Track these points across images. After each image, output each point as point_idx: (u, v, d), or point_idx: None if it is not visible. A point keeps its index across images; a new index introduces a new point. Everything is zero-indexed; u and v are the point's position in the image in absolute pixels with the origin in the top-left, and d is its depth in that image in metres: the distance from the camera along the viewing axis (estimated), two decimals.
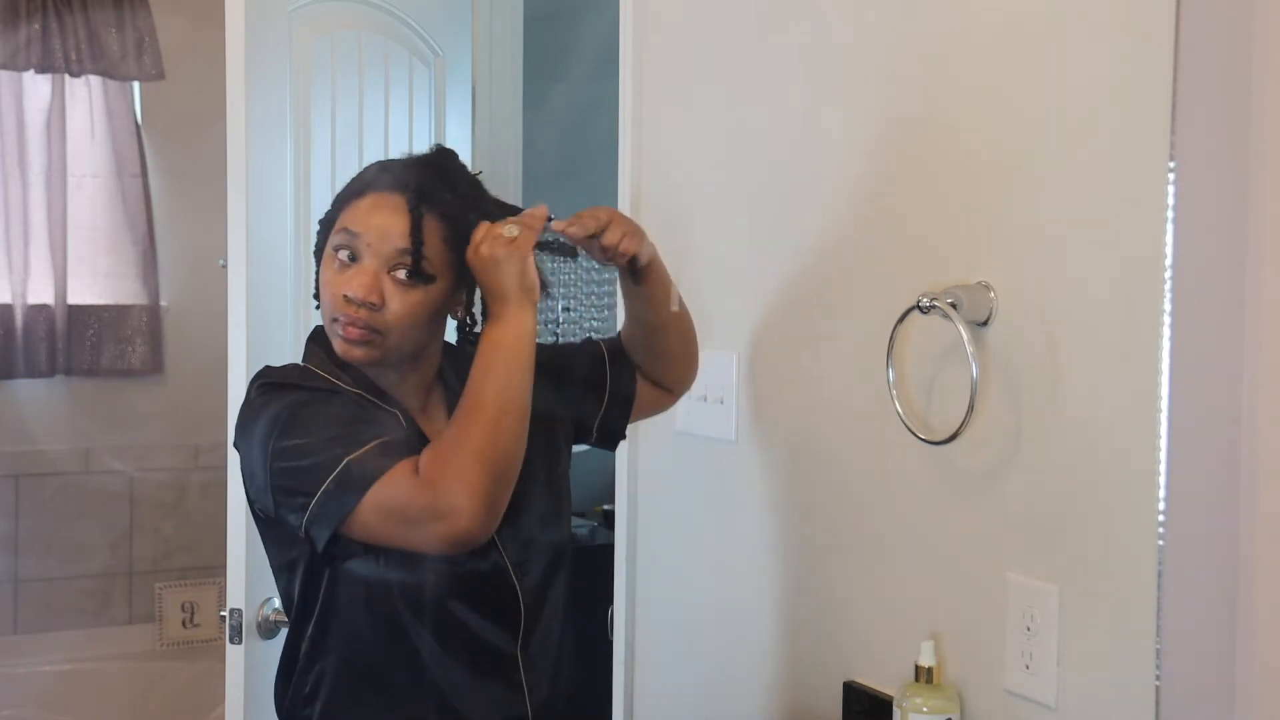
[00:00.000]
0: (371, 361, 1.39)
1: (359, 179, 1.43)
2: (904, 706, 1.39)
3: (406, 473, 1.27)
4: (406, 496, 1.26)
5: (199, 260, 3.66)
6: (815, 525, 1.64)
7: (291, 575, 1.42)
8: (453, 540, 1.28)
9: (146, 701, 3.67)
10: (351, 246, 1.36)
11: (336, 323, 1.37)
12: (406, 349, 1.40)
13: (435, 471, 1.26)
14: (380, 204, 1.37)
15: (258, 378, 1.42)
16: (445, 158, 1.45)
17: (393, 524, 1.29)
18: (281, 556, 1.43)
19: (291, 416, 1.33)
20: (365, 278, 1.35)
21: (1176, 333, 1.09)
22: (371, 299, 1.34)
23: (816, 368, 1.64)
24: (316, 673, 1.42)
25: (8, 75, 3.62)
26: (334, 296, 1.36)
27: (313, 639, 1.41)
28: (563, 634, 1.52)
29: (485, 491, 1.26)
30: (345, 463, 1.27)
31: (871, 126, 1.55)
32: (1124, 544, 1.23)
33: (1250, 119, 1.03)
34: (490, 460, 1.27)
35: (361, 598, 1.38)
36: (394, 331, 1.36)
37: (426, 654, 1.39)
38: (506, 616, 1.43)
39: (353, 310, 1.35)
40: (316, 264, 1.43)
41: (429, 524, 1.26)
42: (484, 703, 1.43)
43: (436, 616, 1.40)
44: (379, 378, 1.42)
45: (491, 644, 1.43)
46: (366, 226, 1.36)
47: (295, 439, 1.31)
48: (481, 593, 1.42)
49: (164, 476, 3.84)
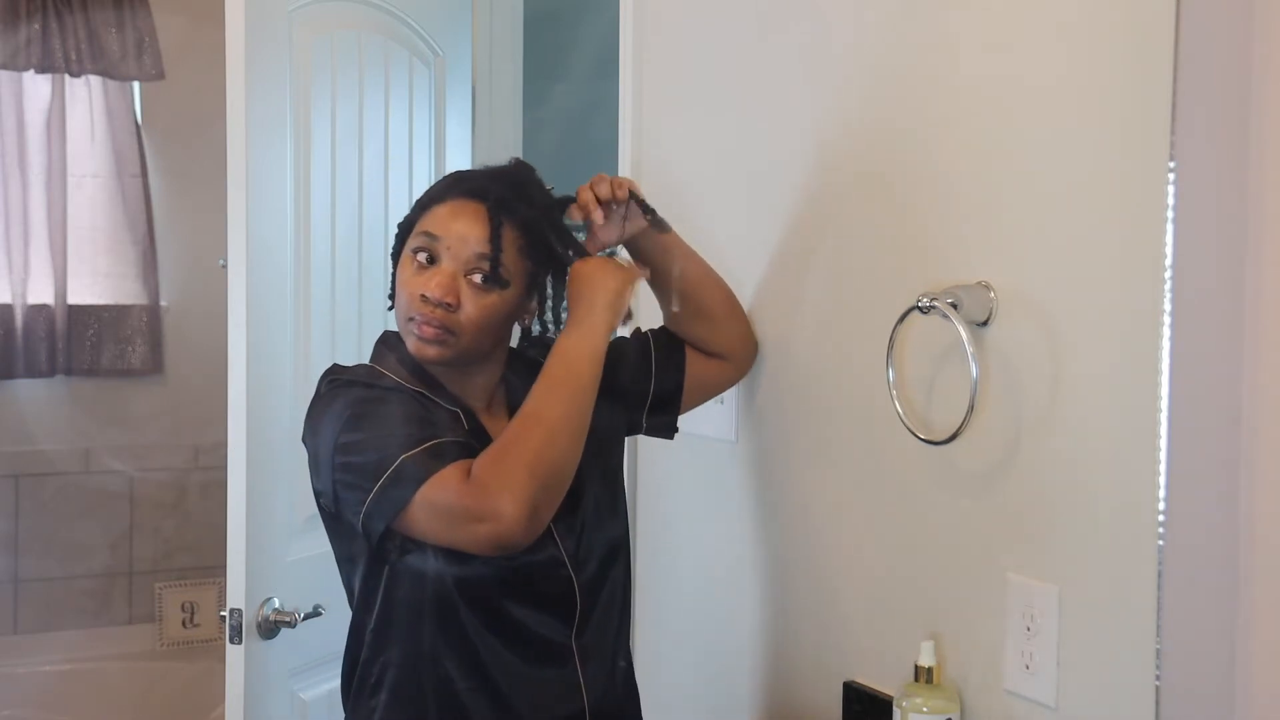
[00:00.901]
0: (443, 361, 1.43)
1: (439, 185, 1.49)
2: (904, 706, 1.39)
3: (458, 474, 1.32)
4: (455, 497, 1.31)
5: (199, 260, 3.67)
6: (815, 525, 1.64)
7: (353, 567, 1.47)
8: (494, 543, 1.32)
9: (146, 701, 3.67)
10: (430, 249, 1.42)
11: (413, 322, 1.42)
12: (477, 350, 1.45)
13: (486, 475, 1.31)
14: (460, 210, 1.43)
15: (327, 374, 1.48)
16: (524, 171, 1.52)
17: (440, 522, 1.33)
18: (344, 549, 1.48)
19: (356, 414, 1.38)
20: (443, 279, 1.41)
21: (1176, 333, 1.09)
22: (448, 299, 1.40)
23: (816, 367, 1.64)
24: (380, 664, 1.45)
25: (8, 75, 3.62)
26: (411, 296, 1.42)
27: (376, 631, 1.45)
28: (620, 627, 1.56)
29: (531, 500, 1.30)
30: (400, 460, 1.32)
31: (871, 126, 1.55)
32: (1124, 544, 1.23)
33: (1250, 119, 1.02)
34: (541, 471, 1.32)
35: (419, 591, 1.42)
36: (467, 332, 1.42)
37: (483, 648, 1.42)
38: (563, 608, 1.47)
39: (429, 310, 1.40)
40: (393, 266, 1.49)
41: (473, 525, 1.31)
42: (541, 696, 1.46)
43: (493, 610, 1.43)
44: (446, 378, 1.47)
45: (547, 636, 1.46)
46: (446, 231, 1.42)
47: (358, 435, 1.37)
48: (538, 585, 1.45)
49: (164, 476, 3.85)
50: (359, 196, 2.36)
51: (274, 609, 2.05)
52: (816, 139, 1.63)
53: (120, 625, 3.82)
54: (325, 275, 2.26)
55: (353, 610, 1.50)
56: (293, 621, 2.05)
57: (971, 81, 1.40)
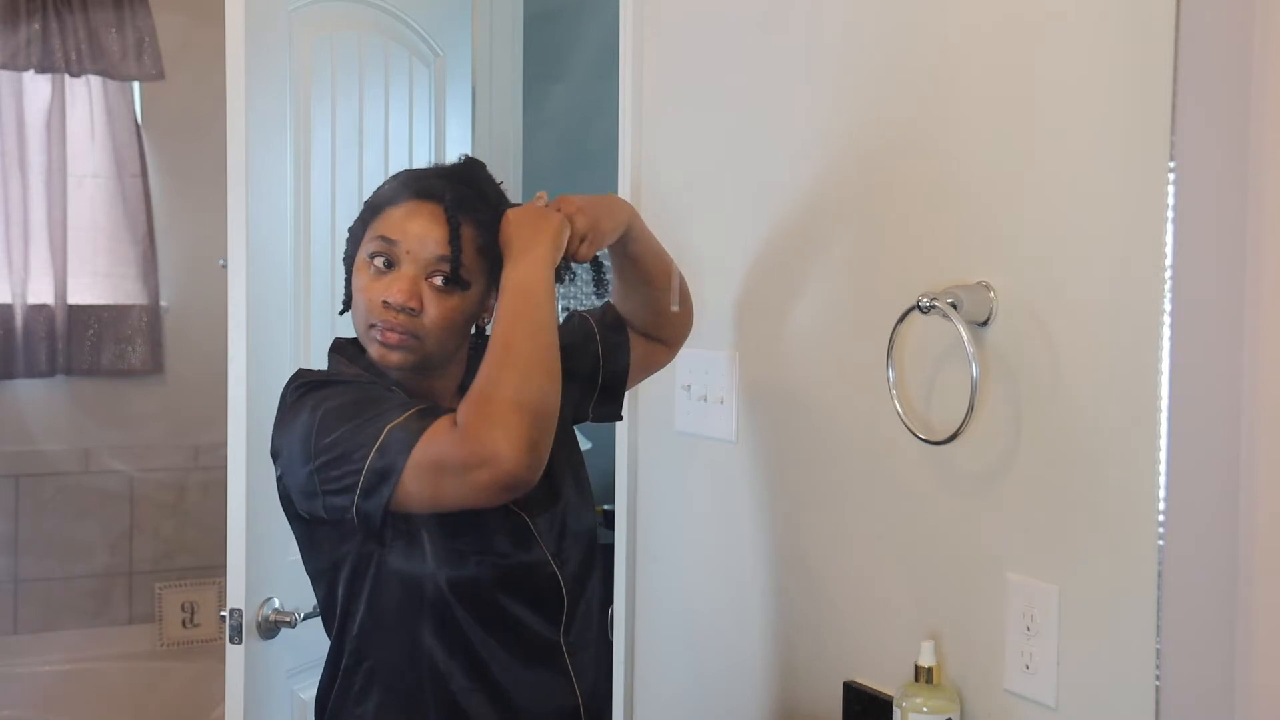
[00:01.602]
0: (407, 366, 1.41)
1: (389, 187, 1.45)
2: (904, 706, 1.39)
3: (445, 426, 1.27)
4: (448, 448, 1.26)
5: (199, 260, 3.67)
6: (815, 525, 1.64)
7: (335, 575, 1.43)
8: (498, 485, 1.26)
9: (146, 701, 3.67)
10: (388, 253, 1.39)
11: (374, 328, 1.39)
12: (441, 353, 1.43)
13: (473, 419, 1.26)
14: (416, 212, 1.40)
15: (293, 380, 1.44)
16: (475, 168, 1.49)
17: (439, 478, 1.28)
18: (323, 559, 1.44)
19: (332, 407, 1.35)
20: (405, 283, 1.38)
21: (1176, 333, 1.09)
22: (411, 304, 1.37)
23: (816, 368, 1.64)
24: (365, 671, 1.43)
25: (8, 75, 3.62)
26: (371, 302, 1.39)
27: (359, 637, 1.42)
28: (600, 622, 1.56)
29: (525, 434, 1.25)
30: (387, 430, 1.28)
31: (872, 126, 1.55)
32: (1124, 544, 1.23)
33: (1250, 119, 1.02)
34: (527, 403, 1.27)
35: (409, 592, 1.39)
36: (431, 336, 1.39)
37: (481, 646, 1.41)
38: (550, 606, 1.46)
39: (392, 315, 1.37)
40: (346, 272, 1.47)
41: (473, 472, 1.25)
42: (536, 691, 1.45)
43: (490, 607, 1.42)
44: (410, 383, 1.44)
45: (538, 634, 1.45)
46: (404, 234, 1.39)
47: (337, 422, 1.33)
48: (527, 583, 1.44)
49: (164, 476, 3.85)
50: (359, 197, 2.36)
51: (274, 609, 2.05)
52: (817, 139, 1.63)
53: (120, 625, 3.82)
54: (325, 275, 2.26)
55: (331, 622, 1.46)
56: (293, 621, 2.05)
57: (972, 82, 1.40)
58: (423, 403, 1.35)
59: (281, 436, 1.41)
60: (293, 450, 1.37)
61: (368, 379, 1.42)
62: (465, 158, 1.50)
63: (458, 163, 1.49)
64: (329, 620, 1.47)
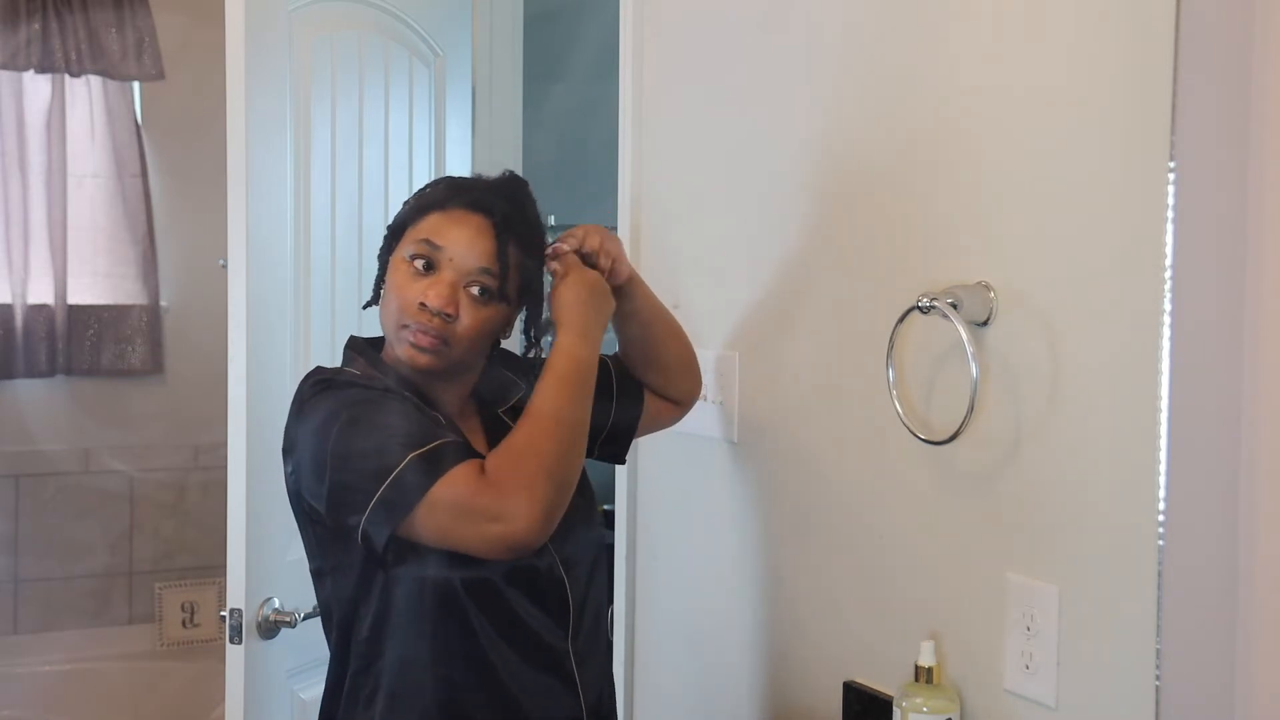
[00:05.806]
0: (433, 369, 1.41)
1: (436, 192, 1.47)
2: (904, 706, 1.39)
3: (471, 472, 1.30)
4: (470, 494, 1.29)
5: (199, 260, 3.67)
6: (815, 525, 1.64)
7: (340, 577, 1.43)
8: (506, 544, 1.30)
9: (146, 701, 3.68)
10: (430, 256, 1.40)
11: (406, 329, 1.39)
12: (466, 361, 1.45)
13: (502, 474, 1.29)
14: (464, 221, 1.41)
15: (311, 376, 1.44)
16: (522, 187, 1.50)
17: (452, 520, 1.30)
18: (326, 559, 1.44)
19: (353, 415, 1.35)
20: (444, 288, 1.39)
21: (1176, 333, 1.09)
22: (448, 309, 1.38)
23: (816, 368, 1.64)
24: (374, 674, 1.42)
25: (8, 75, 3.62)
26: (407, 302, 1.39)
27: (368, 640, 1.42)
28: (605, 629, 1.57)
29: (547, 502, 1.29)
30: (410, 458, 1.30)
31: (872, 125, 1.55)
32: (1124, 544, 1.23)
33: (1250, 119, 1.02)
34: (557, 474, 1.31)
35: (422, 596, 1.39)
36: (460, 344, 1.40)
37: (492, 651, 1.41)
38: (558, 612, 1.46)
39: (427, 318, 1.38)
40: (380, 268, 1.47)
41: (488, 524, 1.29)
42: (543, 698, 1.45)
43: (503, 612, 1.42)
44: (426, 385, 1.45)
45: (546, 640, 1.45)
46: (450, 240, 1.40)
47: (359, 436, 1.33)
48: (538, 588, 1.44)
49: (164, 476, 3.85)
50: (359, 196, 2.36)
51: (274, 609, 2.05)
52: (817, 138, 1.63)
53: (120, 625, 3.82)
54: (325, 275, 2.26)
55: (334, 624, 1.46)
56: (293, 621, 2.05)
57: (972, 81, 1.40)
58: (452, 435, 1.36)
59: (297, 433, 1.41)
60: (309, 452, 1.37)
61: (386, 384, 1.42)
62: (510, 174, 1.51)
63: (504, 178, 1.50)
64: (328, 620, 1.47)
